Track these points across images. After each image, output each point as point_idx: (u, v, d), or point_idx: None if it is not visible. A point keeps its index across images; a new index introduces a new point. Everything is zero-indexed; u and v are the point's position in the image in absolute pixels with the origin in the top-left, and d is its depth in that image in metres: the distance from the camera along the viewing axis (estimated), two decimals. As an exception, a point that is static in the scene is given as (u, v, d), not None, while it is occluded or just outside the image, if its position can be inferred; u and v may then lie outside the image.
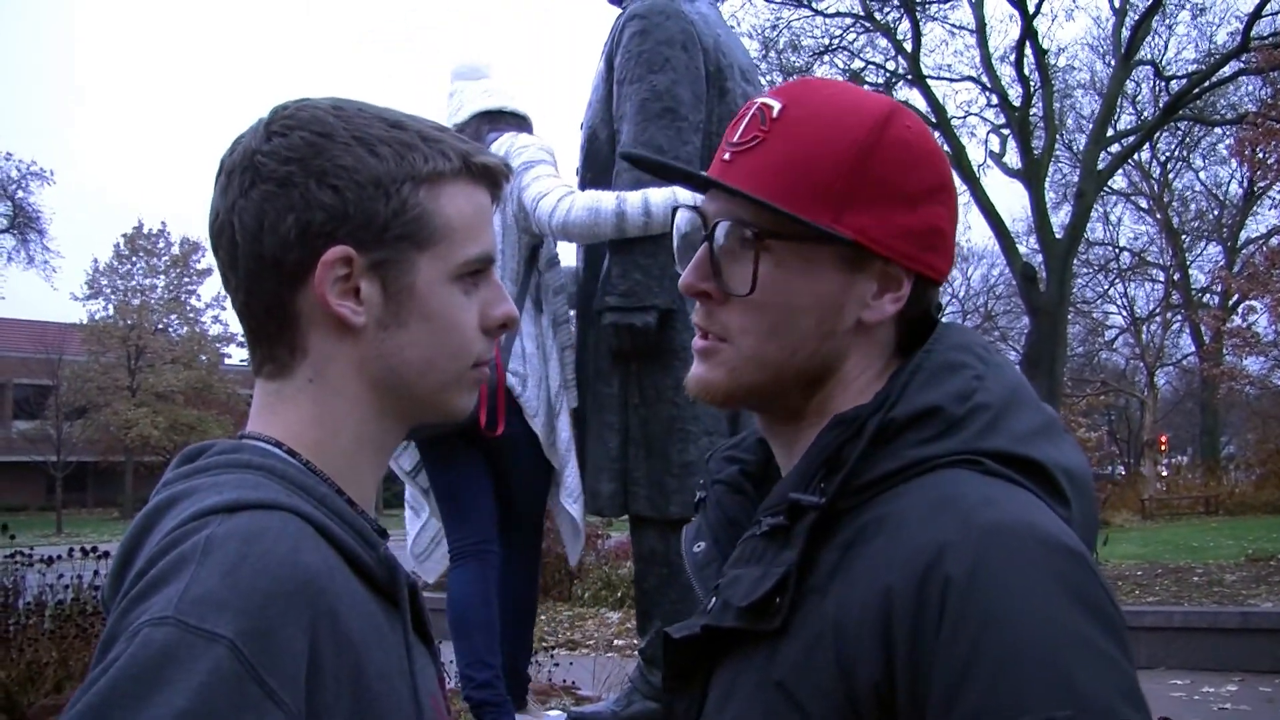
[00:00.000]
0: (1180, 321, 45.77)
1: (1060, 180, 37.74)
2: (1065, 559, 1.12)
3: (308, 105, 1.32)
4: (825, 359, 1.35)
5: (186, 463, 1.28)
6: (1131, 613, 8.74)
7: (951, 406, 1.25)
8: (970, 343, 1.34)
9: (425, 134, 1.33)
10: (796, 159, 1.32)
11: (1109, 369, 52.89)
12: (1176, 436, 61.72)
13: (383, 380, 1.32)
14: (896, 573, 1.14)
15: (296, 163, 1.26)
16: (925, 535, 1.14)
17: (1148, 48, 29.84)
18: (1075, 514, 1.26)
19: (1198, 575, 12.67)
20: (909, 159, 1.34)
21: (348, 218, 1.27)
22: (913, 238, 1.33)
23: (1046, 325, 26.24)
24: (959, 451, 1.23)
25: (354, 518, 1.27)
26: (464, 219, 1.34)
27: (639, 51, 4.18)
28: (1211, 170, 41.36)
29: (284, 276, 1.28)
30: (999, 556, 1.10)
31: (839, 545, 1.23)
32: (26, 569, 7.32)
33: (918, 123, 1.37)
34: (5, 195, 44.17)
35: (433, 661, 1.40)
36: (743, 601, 1.26)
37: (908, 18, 28.20)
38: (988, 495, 1.17)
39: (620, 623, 11.11)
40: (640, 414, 4.22)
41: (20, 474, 54.16)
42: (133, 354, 52.64)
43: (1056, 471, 1.26)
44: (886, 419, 1.25)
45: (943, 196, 1.37)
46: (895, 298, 1.34)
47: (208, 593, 1.04)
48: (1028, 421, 1.29)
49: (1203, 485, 32.06)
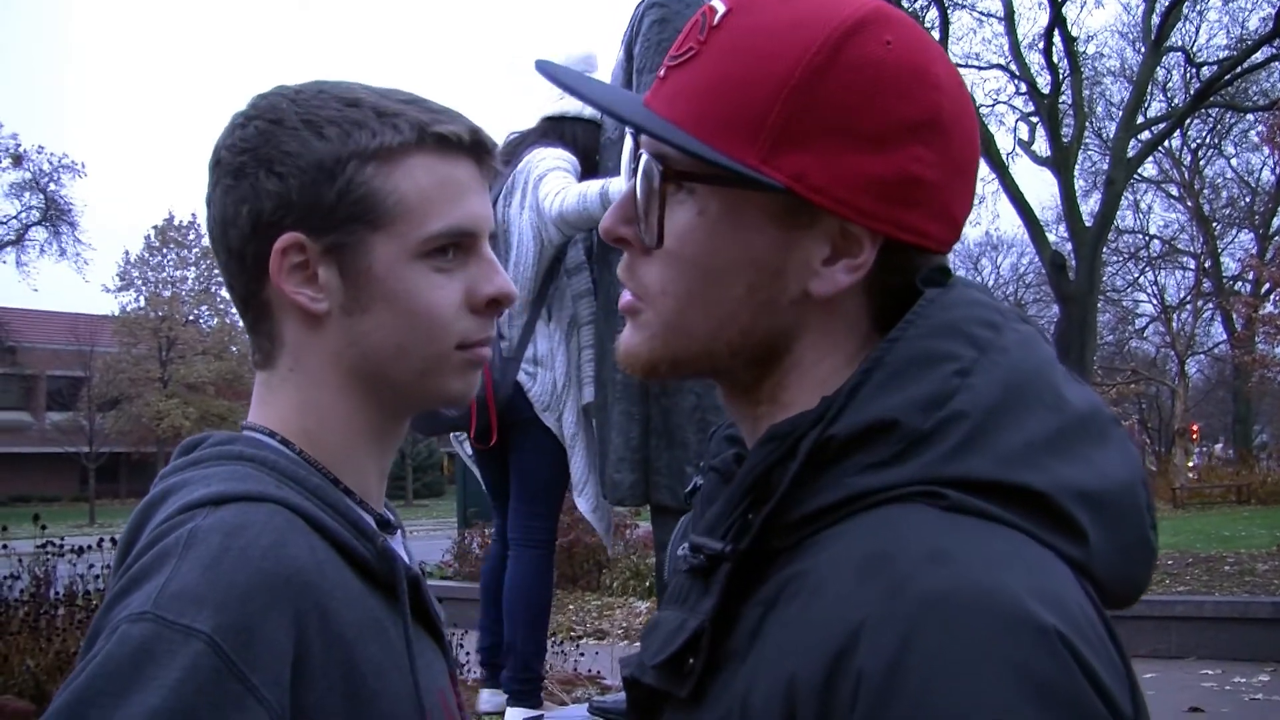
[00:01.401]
0: (1211, 309, 45.35)
1: (1090, 168, 37.59)
2: (1031, 642, 0.81)
3: (273, 92, 1.30)
4: (767, 336, 1.05)
5: (184, 454, 1.27)
6: (1162, 602, 8.70)
7: (912, 418, 0.94)
8: (964, 319, 1.00)
9: (381, 108, 1.27)
10: (727, 80, 1.01)
11: (1139, 357, 52.50)
12: (1208, 425, 61.23)
13: (359, 367, 1.29)
14: (803, 658, 0.87)
15: (249, 153, 1.25)
16: (842, 609, 0.86)
17: (1178, 34, 29.66)
18: (1098, 549, 0.95)
19: (1229, 564, 12.56)
20: (878, 84, 0.99)
21: (293, 204, 1.24)
22: (875, 188, 0.99)
23: (1076, 314, 26.09)
24: (917, 480, 0.92)
25: (349, 509, 1.25)
26: (422, 193, 1.27)
27: (659, 40, 4.14)
28: (1243, 157, 41.06)
29: (248, 268, 1.27)
30: (933, 642, 0.81)
31: (762, 600, 0.97)
32: (58, 559, 7.35)
33: (907, 35, 1.03)
34: (38, 188, 44.50)
35: (443, 655, 1.37)
36: (653, 660, 1.05)
37: (935, 5, 28.01)
38: (937, 548, 0.87)
39: (648, 612, 11.07)
40: (661, 404, 4.20)
41: (54, 465, 54.59)
42: (164, 345, 52.88)
43: (1064, 498, 0.94)
44: (825, 436, 0.95)
45: (927, 135, 1.01)
46: (852, 265, 1.02)
47: (187, 587, 1.03)
48: (1030, 430, 0.96)
49: (1234, 474, 31.78)
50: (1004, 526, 0.91)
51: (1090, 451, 0.99)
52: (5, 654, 6.01)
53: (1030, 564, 0.89)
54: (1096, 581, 0.96)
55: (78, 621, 6.37)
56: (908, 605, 0.83)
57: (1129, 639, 4.08)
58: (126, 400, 51.84)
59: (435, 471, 62.09)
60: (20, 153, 44.11)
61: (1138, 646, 8.16)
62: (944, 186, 1.03)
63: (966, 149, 1.05)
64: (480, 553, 12.02)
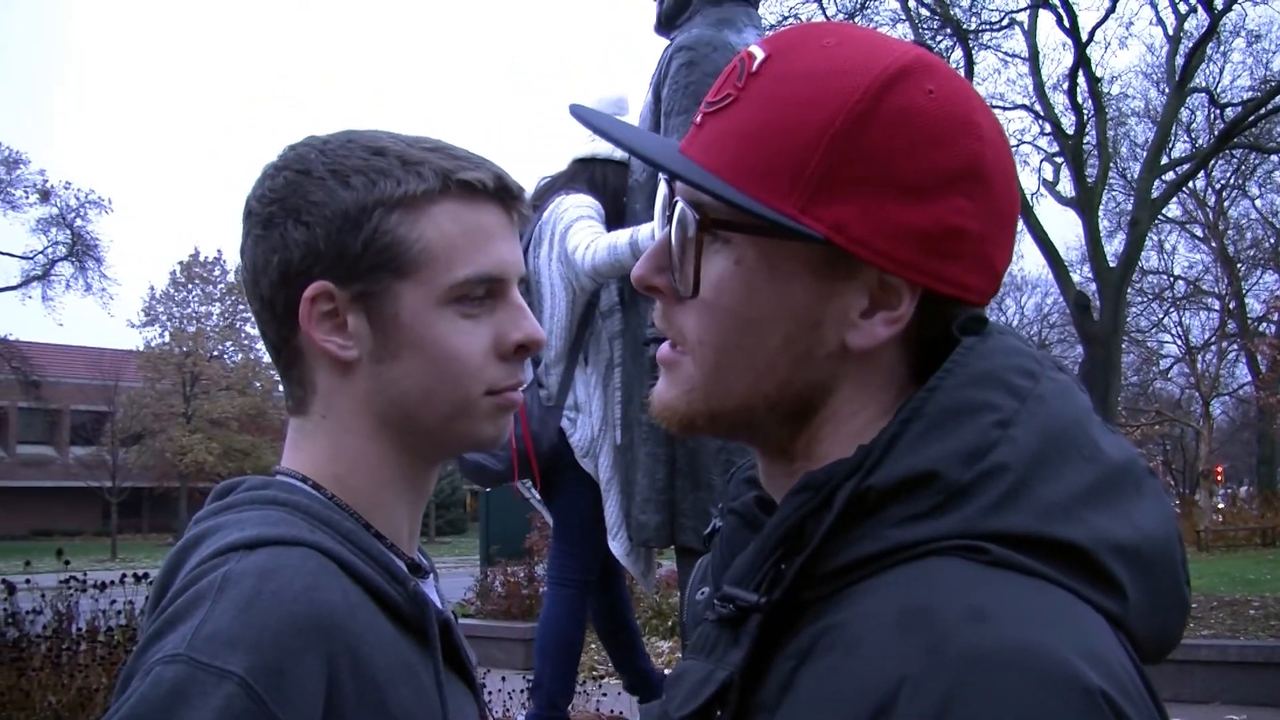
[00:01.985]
0: (1236, 350, 45.20)
1: (1114, 209, 37.53)
2: (1076, 703, 0.80)
3: (304, 143, 1.32)
4: (804, 389, 1.03)
5: (219, 499, 1.28)
6: (1186, 646, 8.61)
7: (953, 471, 0.92)
8: (1002, 368, 0.98)
9: (406, 156, 1.28)
10: (766, 128, 0.99)
11: (1164, 398, 52.32)
12: (1233, 467, 60.88)
13: (388, 413, 1.30)
14: (840, 712, 0.86)
15: (278, 203, 1.26)
16: (881, 664, 0.85)
17: (1202, 75, 29.69)
18: (1137, 600, 0.95)
19: (1254, 608, 12.44)
20: (920, 133, 0.97)
21: (320, 253, 1.25)
22: (916, 239, 0.97)
23: (1100, 354, 25.99)
24: (957, 534, 0.90)
25: (381, 553, 1.25)
26: (448, 240, 1.28)
27: (686, 83, 4.18)
28: (1268, 198, 40.87)
29: (279, 317, 1.28)
30: (977, 702, 0.80)
31: (794, 653, 0.94)
32: (80, 594, 7.36)
33: (949, 84, 1.01)
34: (64, 224, 44.72)
35: (475, 699, 1.37)
36: (678, 712, 1.03)
37: (960, 45, 28.08)
38: (978, 606, 0.85)
39: (670, 651, 11.03)
40: (687, 445, 4.21)
41: (77, 500, 54.77)
42: (188, 380, 53.05)
43: (1103, 553, 0.92)
44: (862, 486, 0.93)
45: (968, 186, 0.99)
46: (890, 318, 1.00)
47: (220, 630, 1.04)
48: (1069, 483, 0.93)
49: (1259, 516, 31.54)
50: (1045, 582, 0.89)
51: (1127, 505, 0.97)
52: (27, 690, 6.02)
53: (1074, 622, 0.87)
54: (1132, 637, 0.95)
55: (99, 657, 6.38)
56: (949, 663, 0.81)
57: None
58: (150, 435, 52.02)
59: (459, 509, 62.17)
60: (48, 188, 44.42)
61: (1160, 690, 8.07)
62: (985, 238, 1.01)
63: (1007, 198, 1.03)
64: (503, 590, 12.01)
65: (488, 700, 6.53)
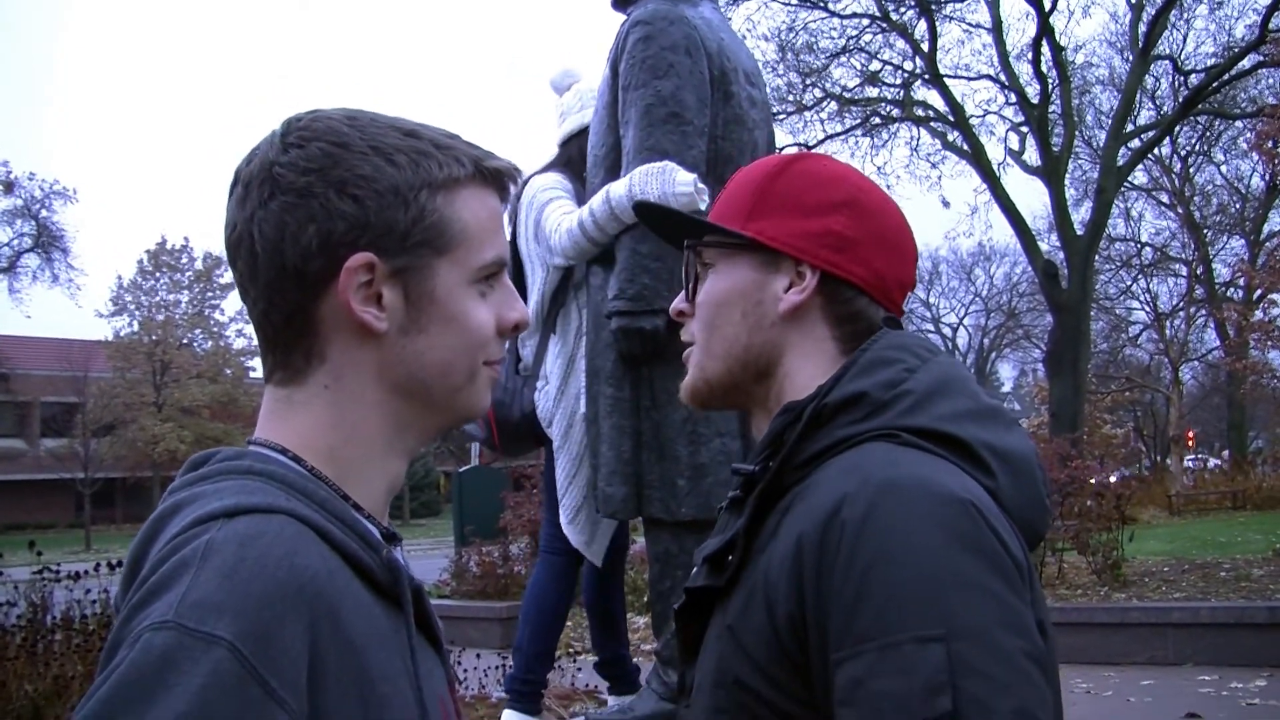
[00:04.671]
0: (1204, 316, 45.42)
1: (1080, 177, 37.65)
2: (953, 508, 1.29)
3: (322, 116, 1.33)
4: (764, 351, 1.62)
5: (192, 470, 1.29)
6: (1158, 609, 8.67)
7: (878, 392, 1.46)
8: (910, 344, 1.54)
9: (438, 141, 1.34)
10: (730, 191, 1.69)
11: (1133, 365, 52.56)
12: (1203, 431, 61.35)
13: (402, 385, 1.33)
14: (807, 522, 1.34)
15: (315, 173, 1.27)
16: (832, 491, 1.34)
17: (1166, 42, 29.80)
18: (1004, 487, 1.42)
19: (1225, 570, 12.54)
20: (811, 182, 1.63)
21: (369, 226, 1.28)
22: (808, 237, 1.59)
23: (1069, 322, 26.17)
24: (880, 428, 1.42)
25: (355, 520, 1.27)
26: (479, 223, 1.35)
27: (643, 57, 4.18)
28: (1233, 164, 41.06)
29: (306, 285, 1.29)
30: (889, 505, 1.29)
31: (779, 511, 1.45)
32: (54, 585, 7.33)
33: (835, 164, 1.67)
34: (29, 215, 44.51)
35: (442, 664, 1.39)
36: (701, 556, 1.55)
37: (924, 18, 28.17)
38: (891, 459, 1.37)
39: (646, 626, 11.00)
40: (653, 417, 4.22)
41: (49, 492, 54.42)
42: (158, 370, 52.91)
43: (979, 447, 1.42)
44: (820, 405, 1.47)
45: (845, 211, 1.60)
46: (800, 288, 1.59)
47: (206, 596, 1.05)
48: (955, 406, 1.46)
49: (1229, 480, 31.77)
50: (938, 457, 1.39)
51: (997, 427, 1.48)
52: (3, 680, 5.99)
53: (955, 473, 1.37)
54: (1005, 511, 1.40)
55: (75, 646, 6.36)
56: (872, 485, 1.31)
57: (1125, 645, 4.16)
58: (121, 425, 51.85)
59: (432, 490, 62.12)
60: (11, 180, 44.20)
61: (1134, 653, 8.16)
62: (863, 243, 1.60)
63: (884, 228, 1.63)
64: (478, 570, 12.00)
65: (464, 678, 6.55)
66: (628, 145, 4.24)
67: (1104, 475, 14.87)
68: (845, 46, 29.38)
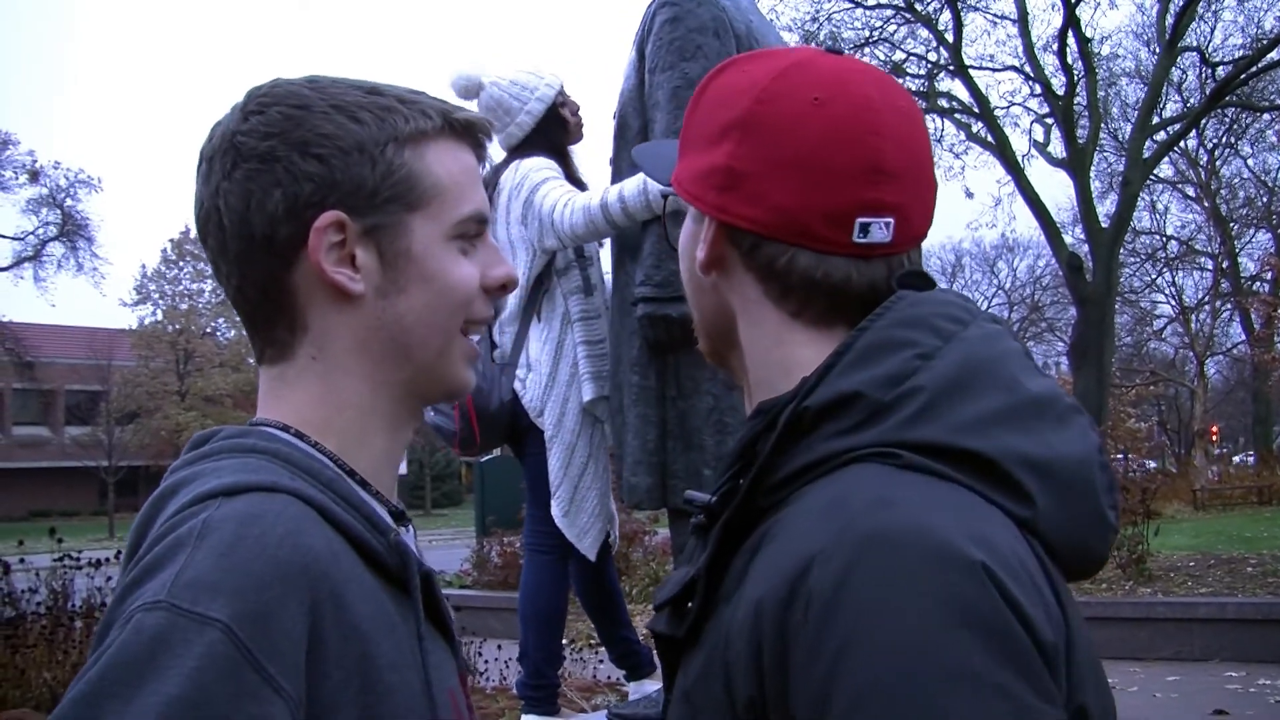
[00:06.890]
0: (1230, 309, 45.21)
1: (1105, 169, 37.53)
2: (956, 573, 0.95)
3: (281, 83, 1.31)
4: (716, 317, 1.35)
5: (195, 448, 1.27)
6: (1185, 604, 8.65)
7: (875, 392, 1.10)
8: (930, 314, 1.16)
9: (402, 96, 1.32)
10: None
11: (1158, 358, 52.49)
12: (1228, 426, 61.17)
13: (385, 349, 1.30)
14: (769, 583, 1.03)
15: (277, 137, 1.25)
16: (801, 543, 1.02)
17: (1193, 34, 29.55)
18: (1045, 512, 1.09)
19: (1251, 566, 12.45)
20: (722, 100, 1.28)
21: (336, 184, 1.25)
22: (700, 178, 1.28)
23: (1094, 315, 26.07)
24: (876, 444, 1.08)
25: (362, 502, 1.24)
26: (453, 177, 1.32)
27: (670, 39, 4.14)
28: (1260, 156, 40.72)
29: (275, 252, 1.26)
30: (870, 570, 0.96)
31: (747, 550, 1.14)
32: (75, 572, 7.35)
33: (757, 67, 1.27)
34: (54, 204, 44.76)
35: (453, 654, 1.36)
36: (657, 604, 1.28)
37: (949, 8, 28.08)
38: (884, 496, 1.02)
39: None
40: (678, 406, 4.18)
41: (73, 479, 54.91)
42: (181, 358, 53.26)
43: (1011, 465, 1.08)
44: (800, 408, 1.13)
45: (734, 135, 1.24)
46: (705, 241, 1.30)
47: (201, 576, 1.02)
48: (982, 406, 1.11)
49: (1255, 475, 31.59)
50: (952, 483, 1.06)
51: (1044, 428, 1.13)
52: (23, 668, 6.03)
53: (968, 511, 1.04)
54: (1047, 544, 1.10)
55: (95, 634, 6.37)
56: (853, 540, 0.99)
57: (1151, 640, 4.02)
58: (145, 414, 52.20)
59: (454, 481, 62.52)
60: (37, 169, 44.43)
61: (1160, 649, 8.11)
62: (755, 174, 1.23)
63: (796, 142, 1.21)
64: (500, 561, 12.02)
65: (484, 669, 6.52)
66: (656, 129, 4.20)
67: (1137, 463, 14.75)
68: (869, 37, 29.31)
